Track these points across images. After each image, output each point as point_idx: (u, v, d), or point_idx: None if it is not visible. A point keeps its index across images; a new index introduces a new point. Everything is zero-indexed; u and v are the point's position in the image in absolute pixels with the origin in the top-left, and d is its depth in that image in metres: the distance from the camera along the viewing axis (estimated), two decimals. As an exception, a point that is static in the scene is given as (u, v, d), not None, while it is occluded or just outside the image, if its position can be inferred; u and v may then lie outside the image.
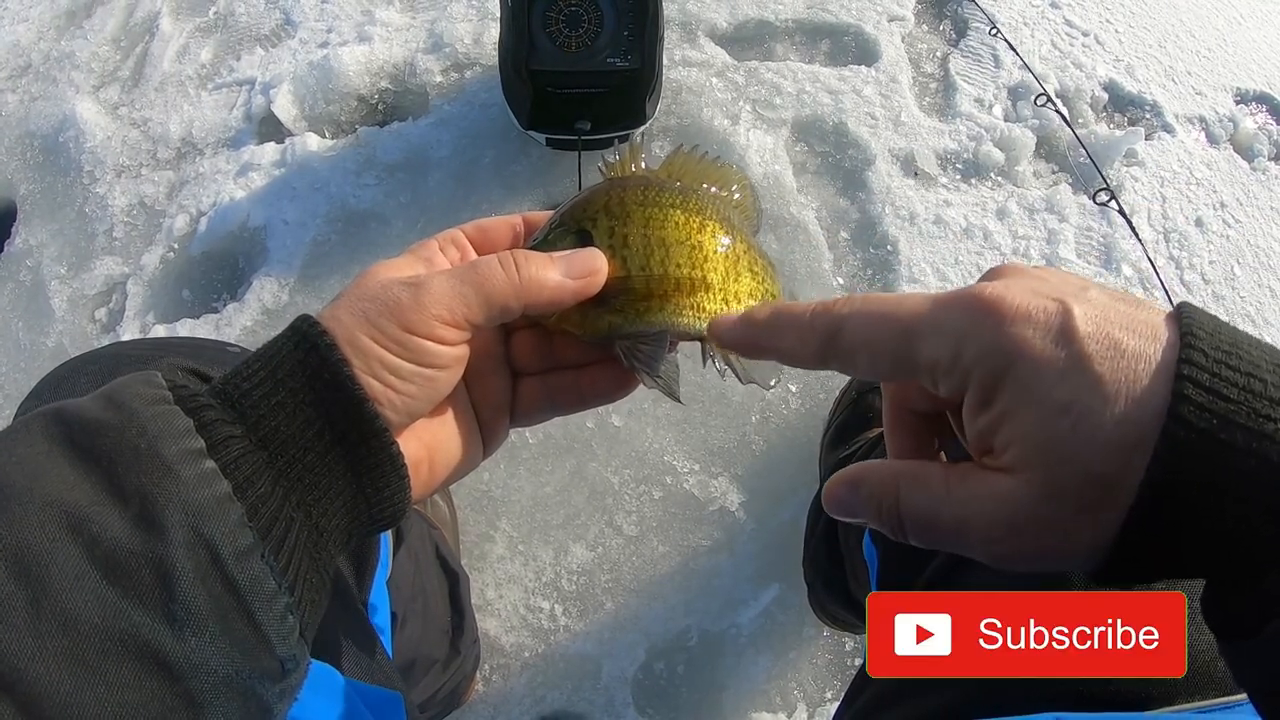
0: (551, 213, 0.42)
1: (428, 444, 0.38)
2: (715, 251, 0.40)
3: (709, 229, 0.40)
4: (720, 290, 0.40)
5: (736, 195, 0.43)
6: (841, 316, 0.32)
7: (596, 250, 0.39)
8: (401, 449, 0.34)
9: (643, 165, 0.42)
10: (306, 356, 0.33)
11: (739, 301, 0.41)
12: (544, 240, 0.41)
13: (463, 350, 0.37)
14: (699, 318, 0.40)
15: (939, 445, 0.36)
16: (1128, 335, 0.26)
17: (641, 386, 0.40)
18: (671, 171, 0.42)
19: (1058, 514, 0.26)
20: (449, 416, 0.39)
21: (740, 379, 0.40)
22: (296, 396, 0.33)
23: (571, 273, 0.38)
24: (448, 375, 0.36)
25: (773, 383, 0.41)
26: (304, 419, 0.32)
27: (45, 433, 0.30)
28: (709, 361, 0.41)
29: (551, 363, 0.42)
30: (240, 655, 0.30)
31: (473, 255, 0.41)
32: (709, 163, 0.42)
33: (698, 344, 0.41)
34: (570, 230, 0.40)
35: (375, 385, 0.34)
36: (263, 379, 0.33)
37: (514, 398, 0.42)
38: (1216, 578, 0.27)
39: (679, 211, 0.40)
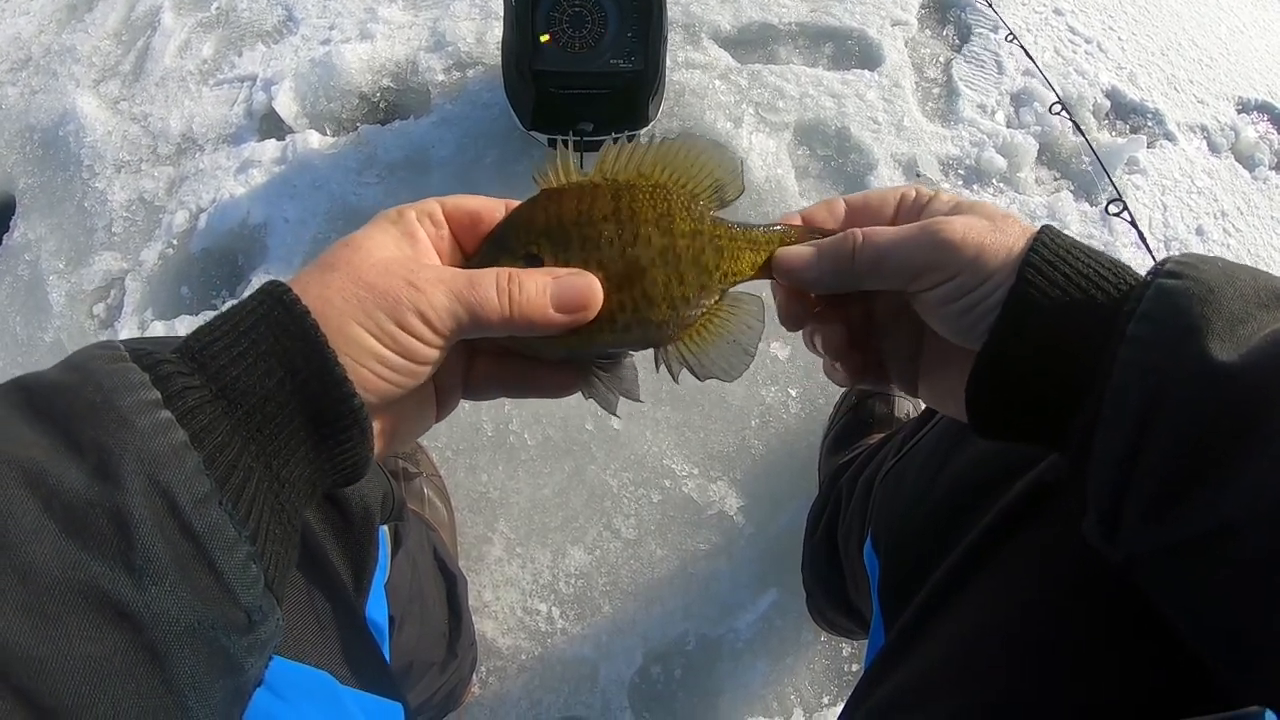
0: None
1: (391, 413, 0.39)
2: (652, 262, 0.40)
3: (642, 237, 0.40)
4: (664, 299, 0.40)
5: (695, 172, 0.41)
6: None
7: (593, 280, 0.39)
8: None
9: (575, 173, 0.41)
10: (271, 311, 0.34)
11: (685, 302, 0.41)
12: (490, 264, 0.40)
13: (443, 353, 0.38)
14: (646, 329, 0.40)
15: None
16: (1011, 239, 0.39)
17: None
18: (605, 172, 0.41)
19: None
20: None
21: (698, 376, 0.41)
22: (259, 347, 0.33)
23: (562, 307, 0.38)
24: (428, 370, 0.38)
25: (735, 375, 0.41)
26: (265, 369, 0.33)
27: (5, 400, 0.31)
28: (660, 366, 0.42)
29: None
30: (202, 604, 0.29)
31: (445, 233, 0.41)
32: (642, 152, 0.41)
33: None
34: (518, 255, 0.40)
35: (363, 372, 0.35)
36: (225, 332, 0.33)
37: (469, 370, 0.44)
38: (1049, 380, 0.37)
39: (611, 225, 0.40)
